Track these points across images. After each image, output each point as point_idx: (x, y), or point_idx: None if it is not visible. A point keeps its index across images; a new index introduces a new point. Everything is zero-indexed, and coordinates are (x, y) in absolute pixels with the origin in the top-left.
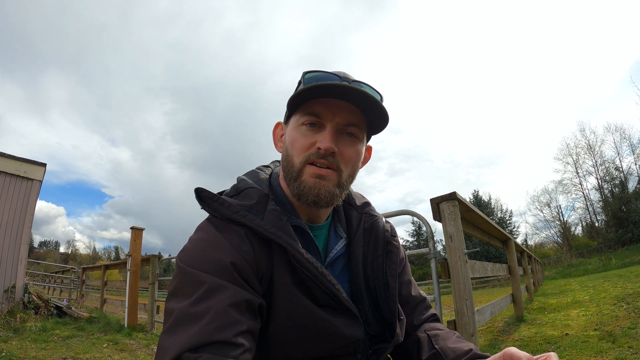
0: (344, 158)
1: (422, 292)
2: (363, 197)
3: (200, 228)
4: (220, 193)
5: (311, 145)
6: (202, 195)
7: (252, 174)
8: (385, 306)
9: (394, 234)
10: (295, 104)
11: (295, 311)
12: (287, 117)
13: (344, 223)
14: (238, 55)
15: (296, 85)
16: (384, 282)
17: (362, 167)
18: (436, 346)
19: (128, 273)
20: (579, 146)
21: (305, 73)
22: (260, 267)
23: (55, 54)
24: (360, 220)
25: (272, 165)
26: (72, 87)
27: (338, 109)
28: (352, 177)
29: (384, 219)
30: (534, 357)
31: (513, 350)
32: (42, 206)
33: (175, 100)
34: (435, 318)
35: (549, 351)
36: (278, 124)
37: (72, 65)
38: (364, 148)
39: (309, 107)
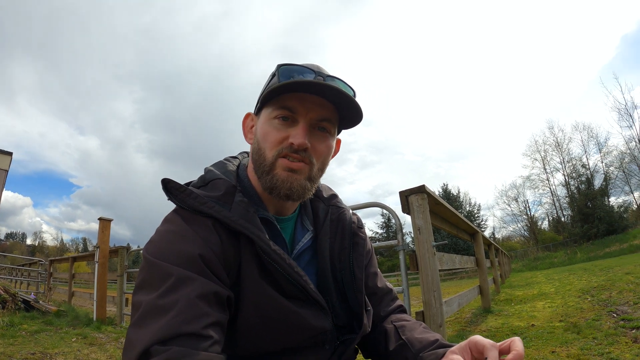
0: (316, 152)
1: (388, 283)
2: (330, 189)
3: (167, 219)
4: (188, 184)
5: (284, 139)
6: (168, 186)
7: (220, 165)
8: (352, 297)
9: (360, 226)
10: (270, 97)
11: (263, 303)
12: (259, 109)
13: (311, 215)
14: (210, 43)
15: (269, 77)
16: (351, 273)
17: (330, 159)
18: (403, 337)
19: (96, 265)
20: (547, 143)
21: (280, 66)
22: (228, 258)
23: (22, 38)
24: (327, 212)
25: (239, 157)
26: (39, 73)
27: (312, 104)
28: (322, 170)
29: (351, 211)
30: (498, 343)
31: (478, 338)
32: (8, 196)
33: (145, 88)
34: (402, 309)
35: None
36: (248, 115)
37: (40, 50)
38: (335, 142)
39: (282, 101)
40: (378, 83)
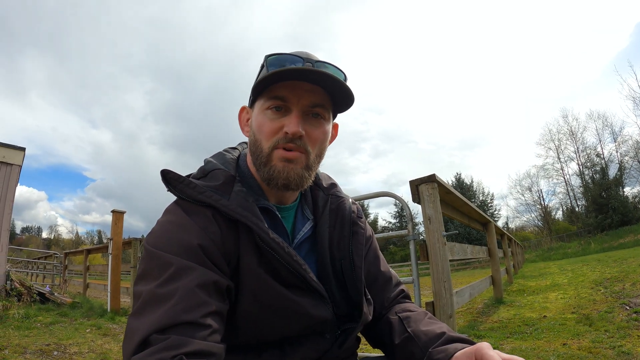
0: (311, 139)
1: (391, 270)
2: (330, 177)
3: (167, 211)
4: (188, 176)
5: (279, 129)
6: (167, 177)
7: (219, 155)
8: (352, 286)
9: (360, 215)
10: (261, 89)
11: (262, 292)
12: (252, 101)
13: (311, 204)
14: (219, 32)
15: (259, 69)
16: (350, 262)
17: (329, 145)
18: (408, 329)
19: (110, 257)
20: (561, 132)
21: (267, 56)
22: (228, 248)
23: (31, 33)
24: (327, 201)
25: (239, 147)
26: (49, 67)
27: (302, 91)
28: (319, 157)
29: (350, 200)
30: (504, 356)
31: (485, 348)
32: (22, 191)
33: (155, 80)
34: (405, 295)
35: (526, 333)
36: (243, 108)
37: (49, 44)
38: (331, 127)
39: (273, 91)
40: (390, 71)
